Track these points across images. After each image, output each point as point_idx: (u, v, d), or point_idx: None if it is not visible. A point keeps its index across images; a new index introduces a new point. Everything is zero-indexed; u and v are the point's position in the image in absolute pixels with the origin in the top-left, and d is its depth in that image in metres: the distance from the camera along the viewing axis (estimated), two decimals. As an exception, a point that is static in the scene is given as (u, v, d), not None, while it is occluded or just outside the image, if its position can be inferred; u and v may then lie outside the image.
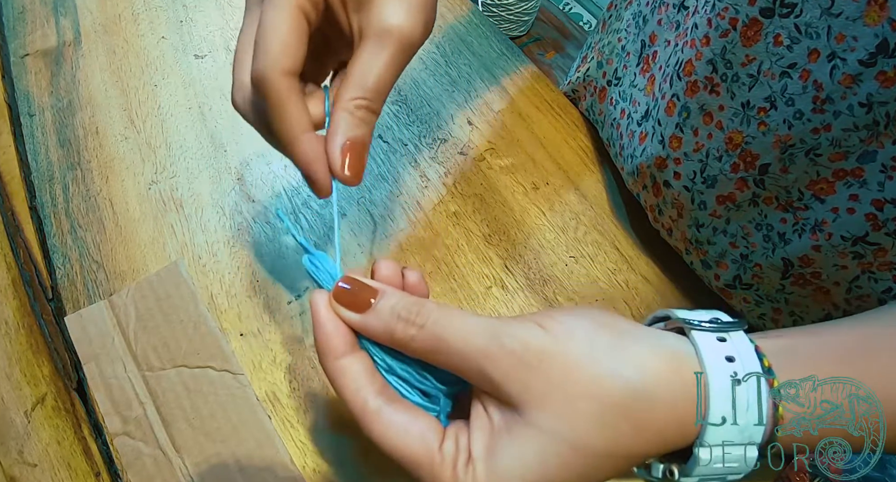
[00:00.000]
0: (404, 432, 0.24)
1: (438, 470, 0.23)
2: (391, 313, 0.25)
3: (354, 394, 0.24)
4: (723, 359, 0.23)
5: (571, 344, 0.23)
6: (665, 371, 0.23)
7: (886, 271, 0.35)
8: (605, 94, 0.52)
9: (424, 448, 0.23)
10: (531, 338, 0.23)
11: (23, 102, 0.54)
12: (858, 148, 0.31)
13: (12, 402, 0.41)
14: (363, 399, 0.24)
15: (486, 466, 0.22)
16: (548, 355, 0.22)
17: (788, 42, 0.31)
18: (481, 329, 0.23)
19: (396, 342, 0.25)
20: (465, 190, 0.50)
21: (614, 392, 0.22)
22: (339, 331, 0.25)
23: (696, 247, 0.45)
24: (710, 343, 0.24)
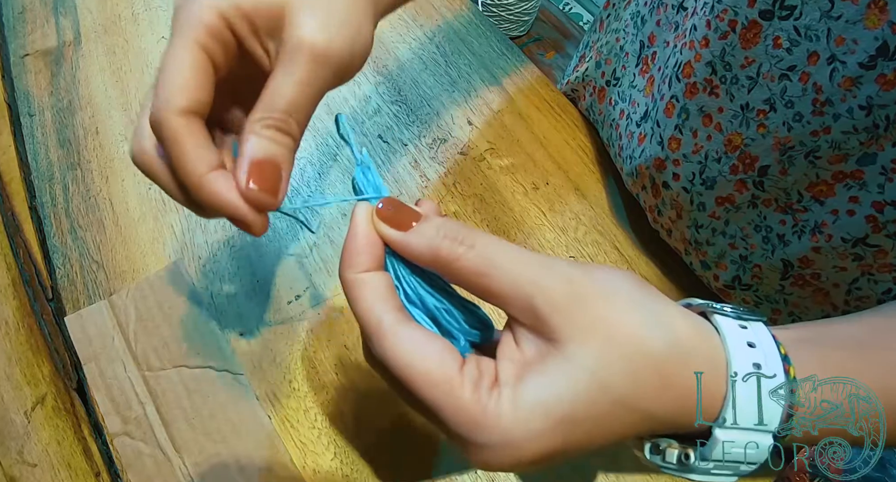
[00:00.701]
0: (420, 349, 0.22)
1: (458, 390, 0.21)
2: (437, 232, 0.23)
3: (371, 305, 0.23)
4: (745, 344, 0.23)
5: (614, 291, 0.23)
6: (695, 338, 0.23)
7: (886, 273, 0.35)
8: (604, 94, 0.53)
9: (441, 366, 0.22)
10: (579, 277, 0.23)
11: (23, 102, 0.54)
12: (858, 150, 0.31)
13: (12, 402, 0.41)
14: (379, 312, 0.23)
15: (514, 392, 0.21)
16: (593, 296, 0.22)
17: (788, 44, 0.31)
18: (534, 259, 0.23)
19: (440, 260, 0.23)
20: (465, 190, 0.50)
21: (651, 344, 0.22)
22: (370, 245, 0.24)
23: (696, 247, 0.45)
24: (732, 327, 0.24)
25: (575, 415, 0.21)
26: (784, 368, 0.23)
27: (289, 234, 0.47)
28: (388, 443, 0.40)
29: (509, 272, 0.22)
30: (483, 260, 0.23)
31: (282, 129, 0.25)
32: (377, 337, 0.22)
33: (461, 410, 0.21)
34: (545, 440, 0.21)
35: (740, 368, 0.22)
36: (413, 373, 0.22)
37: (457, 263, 0.23)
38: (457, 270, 0.23)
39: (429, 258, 0.24)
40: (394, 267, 0.25)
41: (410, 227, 0.24)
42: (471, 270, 0.23)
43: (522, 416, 0.21)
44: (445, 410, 0.21)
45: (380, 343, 0.22)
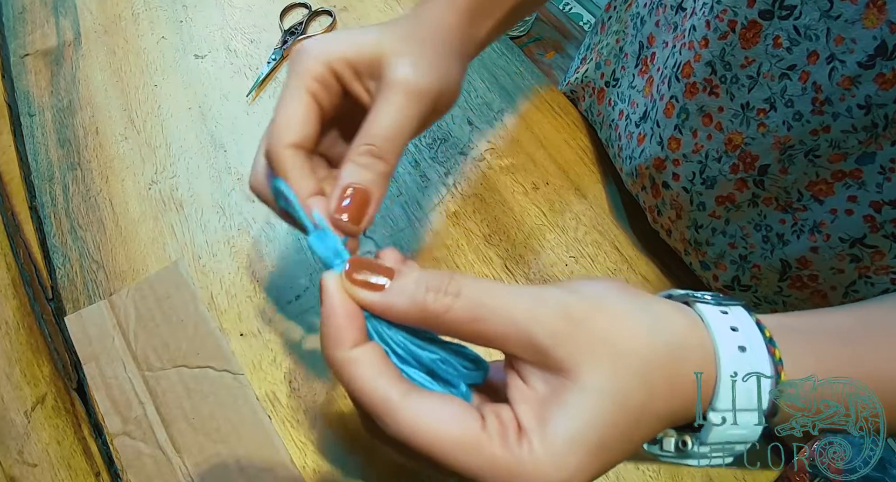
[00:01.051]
0: (438, 417, 0.21)
1: (488, 449, 0.21)
2: (417, 286, 0.23)
3: (373, 383, 0.22)
4: (728, 329, 0.24)
5: (607, 304, 0.23)
6: (690, 331, 0.23)
7: (883, 275, 0.35)
8: (603, 95, 0.53)
9: (465, 429, 0.21)
10: (571, 300, 0.22)
11: (23, 102, 0.54)
12: (857, 149, 0.31)
13: (12, 402, 0.41)
14: (384, 388, 0.22)
15: (542, 436, 0.21)
16: (590, 316, 0.22)
17: (788, 44, 0.31)
18: (523, 293, 0.22)
19: (428, 315, 0.22)
20: (465, 190, 0.51)
21: (655, 348, 0.22)
22: (350, 317, 0.23)
23: (695, 247, 0.45)
24: (714, 314, 0.24)
25: (605, 440, 0.21)
26: (769, 351, 0.23)
27: (289, 234, 0.47)
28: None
29: (502, 312, 0.22)
30: (473, 305, 0.22)
31: (375, 154, 0.28)
32: (388, 413, 0.21)
33: (497, 468, 0.21)
34: (584, 472, 0.21)
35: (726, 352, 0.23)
36: (439, 444, 0.21)
37: (447, 315, 0.22)
38: (448, 322, 0.22)
39: (416, 315, 0.23)
40: (376, 329, 0.24)
41: (383, 287, 0.23)
42: (463, 319, 0.22)
43: (559, 457, 0.21)
44: (482, 473, 0.21)
45: (394, 421, 0.21)
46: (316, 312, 0.44)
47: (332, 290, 0.24)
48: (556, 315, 0.22)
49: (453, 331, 0.23)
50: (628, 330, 0.22)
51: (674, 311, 0.24)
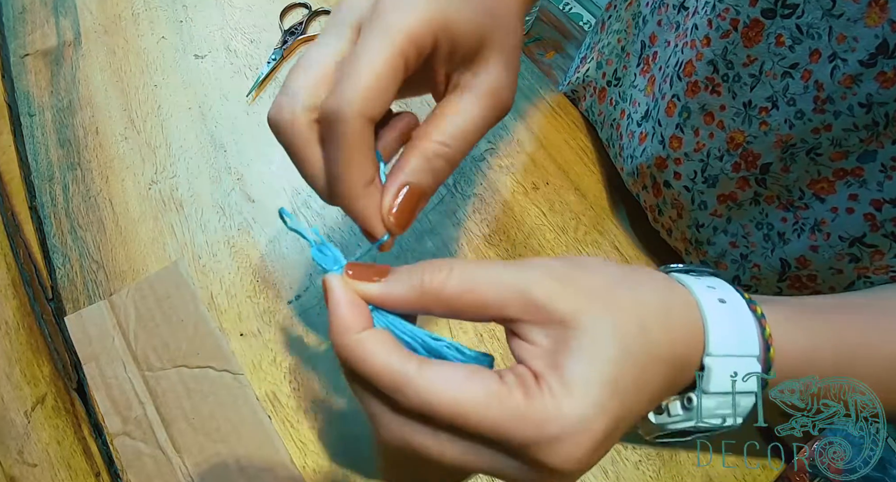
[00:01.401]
0: (457, 380, 0.21)
1: (510, 401, 0.21)
2: (410, 273, 0.23)
3: (386, 360, 0.22)
4: (705, 287, 0.25)
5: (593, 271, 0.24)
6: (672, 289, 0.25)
7: (883, 274, 0.35)
8: (604, 94, 0.52)
9: (485, 386, 0.21)
10: (555, 264, 0.23)
11: (23, 102, 0.54)
12: (858, 148, 0.31)
13: (12, 402, 0.41)
14: (398, 363, 0.22)
15: (559, 378, 0.21)
16: (576, 273, 0.23)
17: (790, 42, 0.31)
18: (508, 264, 0.23)
19: (426, 294, 0.23)
20: (465, 190, 0.50)
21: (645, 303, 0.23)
22: (356, 306, 0.23)
23: (696, 247, 0.45)
24: (689, 278, 0.26)
25: (619, 376, 0.21)
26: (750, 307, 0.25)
27: (289, 234, 0.47)
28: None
29: (495, 278, 0.23)
30: (467, 277, 0.23)
31: (449, 158, 0.25)
32: (409, 386, 0.21)
33: (522, 417, 0.21)
34: (607, 410, 0.21)
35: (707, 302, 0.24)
36: (462, 405, 0.21)
37: (444, 291, 0.23)
38: (447, 297, 0.23)
39: (415, 297, 0.23)
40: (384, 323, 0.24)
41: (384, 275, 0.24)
42: (461, 290, 0.23)
43: (579, 395, 0.21)
44: (508, 425, 0.21)
45: (414, 391, 0.21)
46: (316, 313, 0.44)
47: (335, 285, 0.24)
48: (545, 275, 0.23)
49: (452, 306, 0.23)
50: (618, 290, 0.23)
51: (654, 274, 0.25)
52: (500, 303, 0.23)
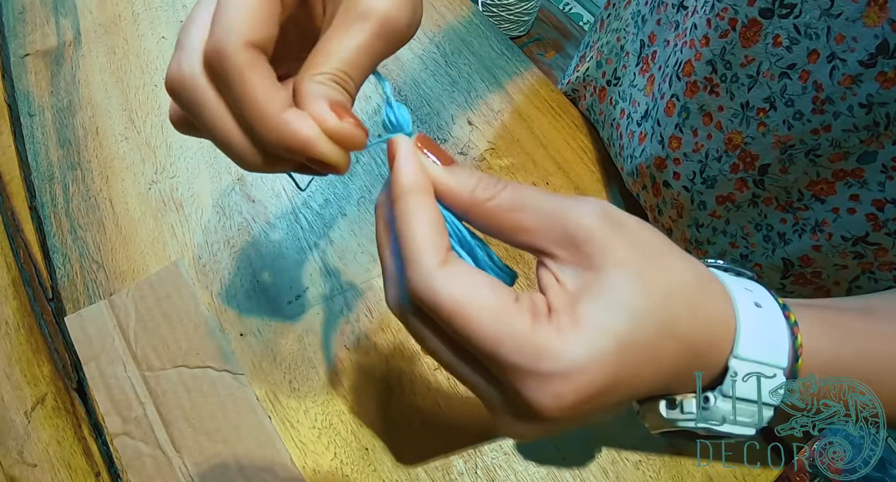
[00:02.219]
0: (474, 283, 0.21)
1: (517, 319, 0.20)
2: (470, 174, 0.24)
3: (430, 233, 0.22)
4: (743, 289, 0.24)
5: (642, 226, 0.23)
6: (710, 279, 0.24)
7: (887, 271, 0.35)
8: (604, 93, 0.52)
9: (498, 298, 0.21)
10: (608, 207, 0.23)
11: (23, 102, 0.54)
12: (858, 148, 0.31)
13: (12, 402, 0.41)
14: (438, 242, 0.22)
15: (572, 317, 0.21)
16: (626, 221, 0.23)
17: (788, 43, 0.31)
18: (562, 196, 0.23)
19: (475, 200, 0.23)
20: (465, 190, 0.50)
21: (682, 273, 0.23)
22: (423, 170, 0.23)
23: (696, 247, 0.45)
24: (728, 276, 0.25)
25: (631, 335, 0.21)
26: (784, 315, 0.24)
27: (289, 234, 0.47)
28: (388, 443, 0.40)
29: (542, 205, 0.23)
30: (516, 196, 0.23)
31: (342, 86, 0.23)
32: (430, 269, 0.21)
33: (523, 340, 0.20)
34: (607, 363, 0.20)
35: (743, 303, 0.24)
36: (468, 306, 0.20)
37: (492, 201, 0.23)
38: (490, 209, 0.23)
39: (466, 196, 0.23)
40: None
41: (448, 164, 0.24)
42: (504, 207, 0.23)
43: (586, 337, 0.20)
44: (506, 342, 0.20)
45: (430, 277, 0.21)
46: (316, 313, 0.44)
47: (404, 146, 0.24)
48: (594, 214, 0.22)
49: (493, 220, 0.23)
50: (660, 250, 0.23)
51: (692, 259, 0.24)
52: (540, 230, 0.23)
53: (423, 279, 0.21)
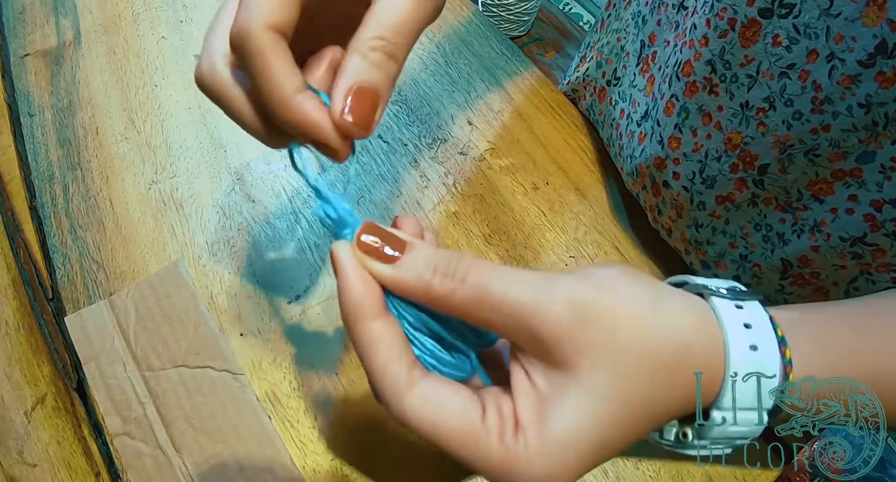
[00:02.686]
0: (443, 406, 0.22)
1: (485, 444, 0.21)
2: (426, 265, 0.22)
3: (387, 363, 0.22)
4: (741, 326, 0.23)
5: (616, 296, 0.22)
6: (699, 331, 0.23)
7: (885, 272, 0.35)
8: (604, 94, 0.52)
9: (466, 422, 0.21)
10: (578, 290, 0.22)
11: (23, 102, 0.54)
12: (857, 148, 0.31)
13: (12, 402, 0.41)
14: (398, 370, 0.22)
15: (539, 433, 0.21)
16: (596, 309, 0.22)
17: (787, 42, 0.31)
18: (529, 282, 0.22)
19: (433, 297, 0.22)
20: (465, 190, 0.50)
21: (660, 351, 0.22)
22: (370, 288, 0.23)
23: (696, 247, 0.45)
24: (728, 309, 0.24)
25: (604, 439, 0.21)
26: (780, 351, 0.23)
27: (288, 234, 0.47)
28: (388, 443, 0.40)
29: (506, 302, 0.22)
30: (478, 293, 0.22)
31: (389, 52, 0.23)
32: (396, 396, 0.22)
33: (492, 462, 0.21)
34: (575, 472, 0.21)
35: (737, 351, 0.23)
36: (439, 434, 0.22)
37: (452, 298, 0.22)
38: (452, 305, 0.22)
39: (422, 295, 0.23)
40: (391, 299, 0.24)
41: (397, 258, 0.23)
42: (467, 304, 0.22)
43: (551, 457, 0.21)
44: (476, 464, 0.21)
45: (399, 402, 0.22)
46: (316, 313, 0.44)
47: (345, 260, 0.23)
48: (561, 307, 0.21)
49: (458, 315, 0.23)
50: (635, 326, 0.22)
51: (685, 308, 0.23)
52: (506, 329, 0.22)
53: (393, 410, 0.22)
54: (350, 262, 0.23)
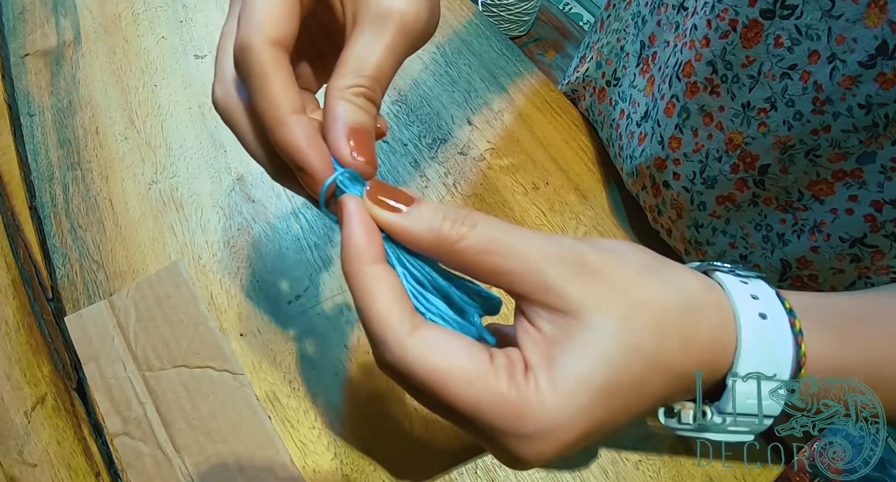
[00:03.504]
0: (447, 348, 0.21)
1: (494, 384, 0.20)
2: (434, 214, 0.22)
3: (390, 307, 0.21)
4: (748, 297, 0.24)
5: (623, 256, 0.23)
6: (707, 293, 0.23)
7: (884, 275, 0.35)
8: (604, 94, 0.53)
9: (473, 363, 0.20)
10: (586, 248, 0.22)
11: (23, 102, 0.54)
12: (858, 149, 0.31)
13: (12, 402, 0.41)
14: (399, 314, 0.21)
15: (549, 374, 0.20)
16: (604, 264, 0.22)
17: (789, 43, 0.31)
18: (538, 235, 0.22)
19: (443, 241, 0.22)
20: (465, 190, 0.50)
21: (668, 303, 0.22)
22: (370, 234, 0.22)
23: (696, 247, 0.45)
24: (734, 282, 0.24)
25: (613, 382, 0.21)
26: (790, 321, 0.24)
27: (288, 233, 0.47)
28: (388, 443, 0.40)
29: (516, 247, 0.22)
30: (488, 237, 0.22)
31: (370, 98, 0.24)
32: (396, 341, 0.21)
33: (502, 404, 0.20)
34: (590, 414, 0.21)
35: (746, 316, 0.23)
36: (444, 376, 0.20)
37: (461, 243, 0.22)
38: (461, 251, 0.22)
39: (430, 240, 0.22)
40: (395, 253, 0.23)
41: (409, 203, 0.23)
42: (476, 249, 0.22)
43: (564, 395, 0.20)
44: (484, 407, 0.20)
45: (400, 347, 0.21)
46: (316, 313, 0.44)
47: (353, 208, 0.23)
48: (569, 257, 0.22)
49: (466, 264, 0.22)
50: (641, 282, 0.22)
51: (691, 273, 0.24)
52: (514, 274, 0.22)
53: (394, 354, 0.21)
54: (357, 211, 0.23)
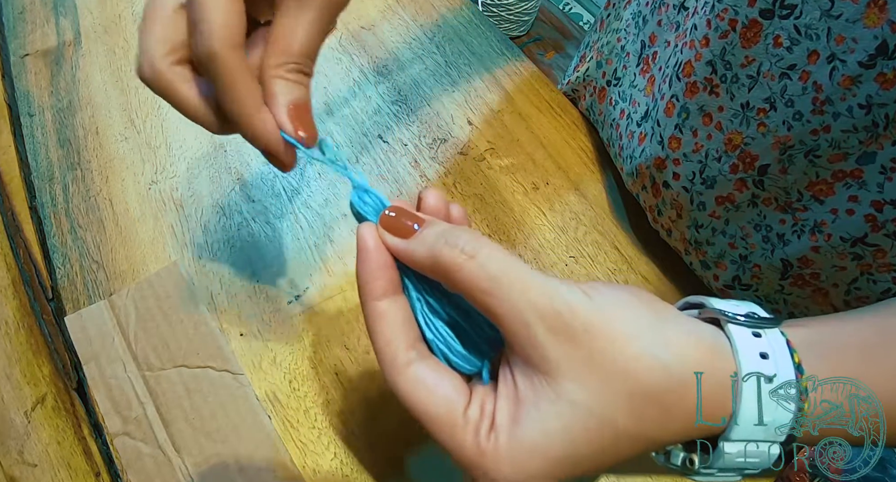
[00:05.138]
0: (430, 391, 0.23)
1: (460, 434, 0.22)
2: (437, 238, 0.23)
3: (388, 342, 0.24)
4: (757, 356, 0.23)
5: (616, 316, 0.22)
6: (703, 358, 0.22)
7: (886, 273, 0.35)
8: (604, 94, 0.52)
9: (448, 410, 0.22)
10: (579, 304, 0.22)
11: (23, 102, 0.54)
12: (858, 149, 0.31)
13: (12, 402, 0.41)
14: (395, 349, 0.23)
15: (510, 436, 0.21)
16: (593, 325, 0.22)
17: (788, 43, 0.31)
18: (537, 281, 0.22)
19: (440, 267, 0.23)
20: (465, 190, 0.50)
21: (651, 376, 0.21)
22: (384, 267, 0.24)
23: (696, 247, 0.45)
24: (745, 337, 0.23)
25: (575, 452, 0.21)
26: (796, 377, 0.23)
27: (288, 234, 0.47)
28: (388, 443, 0.40)
29: (509, 292, 0.22)
30: (484, 274, 0.22)
31: (302, 71, 0.27)
32: (391, 374, 0.23)
33: (463, 454, 0.22)
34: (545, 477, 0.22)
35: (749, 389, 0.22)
36: (420, 414, 0.23)
37: (457, 273, 0.22)
38: (458, 281, 0.22)
39: (429, 265, 0.23)
40: (411, 280, 0.25)
41: (413, 232, 0.24)
42: (471, 283, 0.22)
43: (517, 460, 0.21)
44: (450, 451, 0.22)
45: (393, 380, 0.23)
46: (316, 313, 0.44)
47: (367, 238, 0.24)
48: (558, 317, 0.21)
49: (461, 292, 0.23)
50: (629, 351, 0.22)
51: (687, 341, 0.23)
52: (503, 319, 0.22)
53: (388, 382, 0.24)
54: (371, 240, 0.24)
